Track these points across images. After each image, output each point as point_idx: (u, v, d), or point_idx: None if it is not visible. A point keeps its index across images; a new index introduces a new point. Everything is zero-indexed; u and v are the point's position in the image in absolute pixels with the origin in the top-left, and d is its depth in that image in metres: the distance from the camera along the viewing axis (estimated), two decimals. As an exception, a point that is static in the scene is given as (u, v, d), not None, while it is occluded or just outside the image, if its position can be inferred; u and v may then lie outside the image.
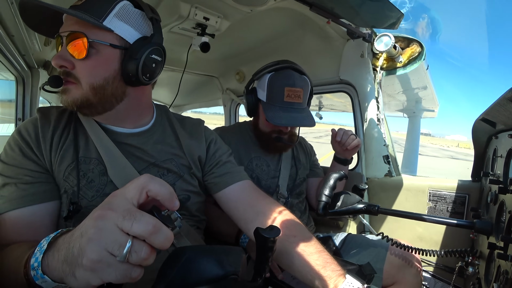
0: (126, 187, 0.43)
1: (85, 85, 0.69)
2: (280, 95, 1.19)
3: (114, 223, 0.38)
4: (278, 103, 1.20)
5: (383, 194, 1.60)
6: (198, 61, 2.12)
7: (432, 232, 1.45)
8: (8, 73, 1.39)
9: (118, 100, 0.75)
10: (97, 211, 0.40)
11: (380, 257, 1.10)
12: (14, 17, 0.90)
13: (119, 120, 0.80)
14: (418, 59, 1.57)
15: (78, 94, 0.69)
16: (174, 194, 0.45)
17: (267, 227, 0.55)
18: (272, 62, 1.26)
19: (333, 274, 0.65)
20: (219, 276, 0.51)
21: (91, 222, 0.39)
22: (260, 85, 1.25)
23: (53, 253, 0.43)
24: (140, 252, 0.39)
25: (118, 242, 0.38)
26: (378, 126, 1.61)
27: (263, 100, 1.24)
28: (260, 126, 1.31)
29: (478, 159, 1.32)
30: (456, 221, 0.84)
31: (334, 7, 1.26)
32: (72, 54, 0.67)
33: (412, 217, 0.90)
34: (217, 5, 1.28)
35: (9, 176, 0.68)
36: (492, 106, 0.87)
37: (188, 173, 0.87)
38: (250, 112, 1.33)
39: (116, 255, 0.38)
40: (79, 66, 0.68)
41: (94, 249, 0.37)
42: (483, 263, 0.88)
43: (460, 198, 1.38)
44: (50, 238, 0.45)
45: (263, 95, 1.24)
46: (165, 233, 0.40)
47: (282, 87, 1.18)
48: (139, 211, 0.40)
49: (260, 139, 1.33)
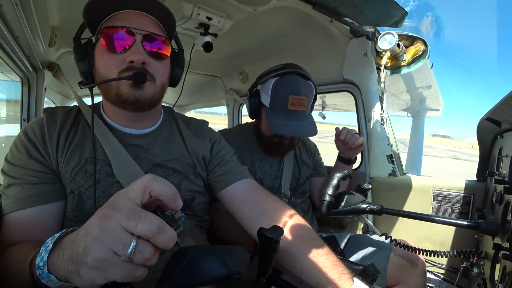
0: (130, 187, 0.44)
1: (158, 83, 0.76)
2: (283, 103, 1.17)
3: (118, 222, 0.39)
4: (281, 110, 1.18)
5: (386, 194, 1.59)
6: (201, 61, 2.12)
7: (437, 233, 1.44)
8: (14, 74, 1.41)
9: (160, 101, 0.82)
10: (101, 211, 0.41)
11: (383, 258, 1.10)
12: (19, 18, 0.90)
13: (135, 121, 0.81)
14: (422, 57, 1.56)
15: (152, 91, 0.74)
16: (177, 194, 0.45)
17: (271, 227, 0.55)
18: (277, 66, 1.22)
19: (341, 276, 0.64)
20: (223, 276, 0.51)
21: (96, 222, 0.40)
22: (264, 90, 1.23)
23: (58, 253, 0.43)
24: (144, 252, 0.39)
25: (122, 241, 0.38)
26: (382, 125, 1.60)
27: (266, 106, 1.22)
28: (262, 130, 1.30)
29: (484, 159, 1.30)
30: (461, 221, 0.84)
31: (337, 6, 1.26)
32: (148, 53, 0.72)
33: (416, 217, 0.89)
34: (220, 4, 1.28)
35: (15, 176, 0.69)
36: (497, 105, 0.87)
37: (193, 173, 0.87)
38: (253, 115, 1.32)
39: (120, 254, 0.38)
40: (155, 66, 0.74)
41: (99, 248, 0.38)
42: (488, 263, 0.87)
43: (465, 198, 1.37)
44: (56, 237, 0.45)
45: (266, 100, 1.21)
46: (169, 233, 0.40)
47: (286, 95, 1.16)
48: (143, 211, 0.40)
49: (261, 142, 1.33)
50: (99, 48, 0.73)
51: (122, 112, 0.78)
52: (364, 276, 0.71)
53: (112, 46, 0.70)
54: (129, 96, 0.71)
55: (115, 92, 0.72)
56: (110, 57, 0.71)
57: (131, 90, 0.71)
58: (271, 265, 0.57)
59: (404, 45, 1.57)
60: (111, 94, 0.72)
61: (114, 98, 0.73)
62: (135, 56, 0.69)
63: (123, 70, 0.70)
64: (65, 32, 1.40)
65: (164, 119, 0.91)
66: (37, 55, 1.28)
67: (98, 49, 0.74)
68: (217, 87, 2.69)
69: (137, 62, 0.70)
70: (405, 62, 1.58)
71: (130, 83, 0.70)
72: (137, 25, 0.71)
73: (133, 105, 0.73)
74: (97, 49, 0.74)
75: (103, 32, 0.71)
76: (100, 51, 0.73)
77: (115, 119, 0.81)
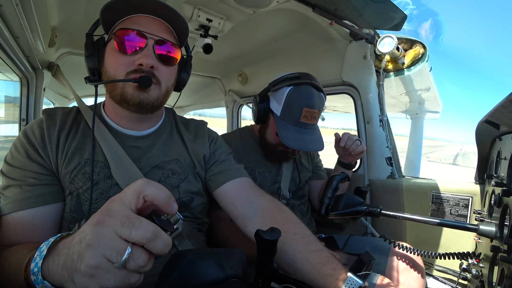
0: (124, 192, 0.43)
1: (163, 88, 0.78)
2: (297, 114, 1.14)
3: (112, 229, 0.38)
4: (293, 122, 1.15)
5: (385, 196, 1.59)
6: (201, 63, 2.13)
7: (435, 235, 1.44)
8: (13, 74, 1.41)
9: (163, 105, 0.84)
10: (96, 217, 0.40)
11: (382, 260, 1.10)
12: (19, 18, 0.90)
13: (136, 122, 0.82)
14: (421, 60, 1.56)
15: (157, 95, 0.76)
16: (171, 197, 0.45)
17: (268, 229, 0.55)
18: (292, 74, 1.18)
19: (334, 272, 0.64)
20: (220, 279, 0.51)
21: (90, 228, 0.39)
22: (277, 97, 1.18)
23: (53, 258, 0.43)
24: (138, 260, 0.39)
25: (116, 249, 0.38)
26: (380, 128, 1.60)
27: (277, 114, 1.18)
28: (267, 136, 1.27)
29: (482, 161, 1.31)
30: (459, 224, 0.84)
31: (337, 9, 1.26)
32: (158, 57, 0.74)
33: (415, 219, 0.89)
34: (220, 6, 1.29)
35: (13, 178, 0.69)
36: (495, 108, 0.87)
37: (193, 174, 0.87)
38: (259, 120, 1.27)
39: (114, 261, 0.38)
40: (163, 71, 0.76)
41: (92, 255, 0.37)
42: (486, 266, 0.87)
43: (464, 201, 1.37)
44: (50, 242, 0.45)
45: (277, 108, 1.18)
46: (163, 240, 0.40)
47: (300, 107, 1.13)
48: (138, 217, 0.40)
49: (264, 148, 1.31)
50: (110, 47, 0.75)
51: (124, 113, 0.79)
52: (360, 264, 0.71)
53: (123, 47, 0.71)
54: (133, 98, 0.73)
55: (120, 92, 0.73)
56: (120, 58, 0.72)
57: (136, 92, 0.72)
58: (269, 267, 0.57)
59: (403, 48, 1.57)
60: (116, 94, 0.74)
61: (118, 97, 0.74)
62: (144, 59, 0.71)
63: (131, 72, 0.72)
64: (65, 33, 1.40)
65: (165, 120, 0.91)
66: (37, 55, 1.28)
67: (109, 48, 0.75)
68: (217, 89, 2.69)
69: (146, 66, 0.72)
70: (404, 65, 1.59)
71: (135, 85, 0.72)
72: (150, 30, 0.73)
73: (136, 106, 0.74)
74: (108, 48, 0.76)
75: (116, 33, 0.72)
76: (111, 50, 0.74)
77: (116, 120, 0.81)
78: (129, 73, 0.72)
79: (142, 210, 0.44)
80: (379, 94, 1.61)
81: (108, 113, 0.83)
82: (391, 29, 1.43)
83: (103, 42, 0.77)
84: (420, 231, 1.49)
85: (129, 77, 0.72)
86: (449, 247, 1.40)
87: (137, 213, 0.42)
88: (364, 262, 0.72)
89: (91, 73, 0.77)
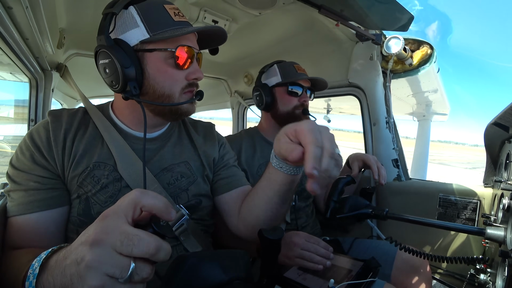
0: (119, 205, 0.42)
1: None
2: (292, 70, 1.34)
3: (112, 248, 0.38)
4: (293, 75, 1.33)
5: (391, 199, 1.57)
6: (207, 64, 2.13)
7: (442, 239, 1.42)
8: (22, 75, 1.43)
9: None
10: (91, 236, 0.39)
11: (388, 263, 1.09)
12: (28, 21, 0.91)
13: (147, 125, 0.81)
14: (429, 61, 1.54)
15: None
16: (169, 205, 0.44)
17: (271, 228, 0.55)
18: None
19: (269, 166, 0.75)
20: (223, 281, 0.51)
21: (86, 249, 0.38)
22: (271, 73, 1.37)
23: (47, 278, 0.42)
24: (142, 273, 0.39)
25: (119, 266, 0.37)
26: (387, 129, 1.58)
27: (278, 82, 1.34)
28: (280, 108, 1.34)
29: (491, 164, 1.28)
30: (467, 227, 0.82)
31: (343, 10, 1.25)
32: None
33: (422, 222, 0.88)
34: (226, 8, 1.29)
35: (18, 181, 0.69)
36: (505, 110, 0.85)
37: (202, 176, 0.87)
38: (267, 103, 1.35)
39: (118, 277, 0.37)
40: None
41: (94, 276, 0.37)
42: (495, 271, 0.85)
43: (472, 204, 1.35)
44: (42, 259, 0.44)
45: (276, 79, 1.35)
46: (165, 250, 0.40)
47: (291, 65, 1.35)
48: (136, 232, 0.39)
49: (283, 123, 1.30)
50: (159, 61, 0.72)
51: (148, 119, 0.77)
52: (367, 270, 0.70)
53: (183, 63, 0.73)
54: (188, 111, 0.79)
55: (176, 108, 0.76)
56: (176, 73, 0.74)
57: (191, 106, 0.78)
58: (273, 266, 0.57)
59: (410, 49, 1.56)
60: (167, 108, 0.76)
61: (167, 109, 0.76)
62: (198, 74, 0.76)
63: (186, 86, 0.75)
64: (73, 34, 1.42)
65: (172, 122, 0.91)
66: (46, 56, 1.30)
67: (158, 62, 0.72)
68: (222, 90, 2.69)
69: (199, 80, 0.77)
70: (411, 66, 1.57)
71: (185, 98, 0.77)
72: (194, 44, 0.77)
73: (180, 117, 0.79)
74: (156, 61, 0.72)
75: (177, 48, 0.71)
76: (162, 64, 0.72)
77: (127, 122, 0.81)
78: (184, 87, 0.75)
79: (140, 219, 0.44)
80: (385, 96, 1.59)
81: (118, 114, 0.82)
82: (397, 30, 1.41)
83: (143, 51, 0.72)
84: (427, 234, 1.46)
85: (184, 91, 0.76)
86: (456, 251, 1.37)
87: (135, 223, 0.42)
88: (370, 269, 0.71)
89: (131, 87, 0.70)
